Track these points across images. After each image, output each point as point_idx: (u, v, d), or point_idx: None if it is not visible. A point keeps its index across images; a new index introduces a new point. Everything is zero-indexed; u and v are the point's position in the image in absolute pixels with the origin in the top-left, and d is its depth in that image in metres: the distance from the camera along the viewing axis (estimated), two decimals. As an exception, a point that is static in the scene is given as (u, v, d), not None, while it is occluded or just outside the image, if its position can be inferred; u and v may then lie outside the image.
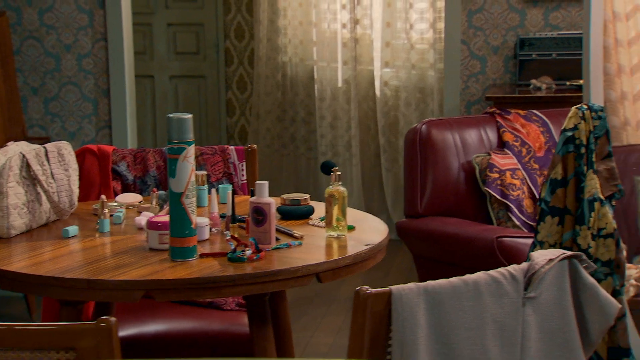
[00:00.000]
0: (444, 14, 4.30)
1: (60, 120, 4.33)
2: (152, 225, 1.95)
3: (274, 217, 1.98)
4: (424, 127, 3.08)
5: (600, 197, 2.12)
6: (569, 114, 2.19)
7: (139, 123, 5.57)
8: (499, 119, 3.18)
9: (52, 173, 2.14)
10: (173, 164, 1.87)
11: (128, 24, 4.33)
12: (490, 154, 3.06)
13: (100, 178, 2.53)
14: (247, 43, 5.75)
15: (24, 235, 2.09)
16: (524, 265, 1.61)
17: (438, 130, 3.09)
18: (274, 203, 1.99)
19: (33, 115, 4.37)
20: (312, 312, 3.80)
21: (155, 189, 2.27)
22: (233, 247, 1.92)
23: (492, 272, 1.59)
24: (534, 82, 3.94)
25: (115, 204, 2.26)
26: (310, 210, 2.22)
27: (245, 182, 2.65)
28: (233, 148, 2.68)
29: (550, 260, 1.61)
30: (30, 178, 2.10)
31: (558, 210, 2.14)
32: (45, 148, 2.15)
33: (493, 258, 2.68)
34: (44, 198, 2.12)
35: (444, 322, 1.53)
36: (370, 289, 1.51)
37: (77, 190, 2.22)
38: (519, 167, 3.06)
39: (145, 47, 5.90)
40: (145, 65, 5.90)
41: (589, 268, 1.65)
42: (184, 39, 5.90)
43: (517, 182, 3.02)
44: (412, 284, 1.54)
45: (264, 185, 2.00)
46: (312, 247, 2.00)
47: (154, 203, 2.21)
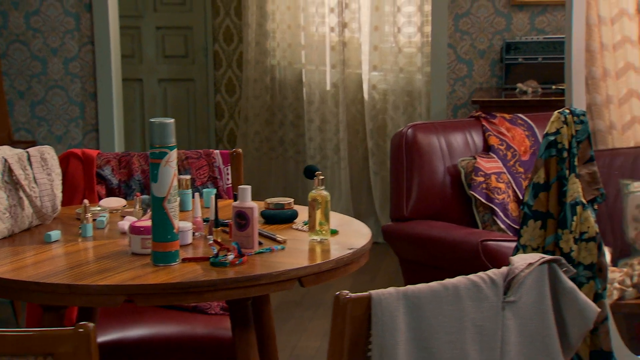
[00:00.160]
0: (431, 18, 4.31)
1: (47, 124, 4.32)
2: (134, 230, 1.95)
3: (257, 221, 1.98)
4: (410, 131, 3.09)
5: (583, 201, 2.13)
6: (552, 119, 2.20)
7: (128, 126, 5.57)
8: (485, 123, 3.20)
9: (34, 177, 2.14)
10: (155, 169, 1.87)
11: (115, 27, 4.32)
12: (476, 158, 3.07)
13: (85, 182, 2.53)
14: (235, 46, 5.75)
15: (6, 240, 2.08)
16: (504, 270, 1.62)
17: (424, 134, 3.10)
18: (257, 207, 1.99)
19: (19, 119, 4.36)
20: (298, 315, 3.80)
21: (139, 194, 2.27)
22: (215, 251, 1.92)
23: (471, 276, 1.59)
24: (520, 85, 3.96)
25: (99, 209, 2.25)
26: (294, 215, 2.22)
27: (231, 186, 2.65)
28: (218, 152, 2.68)
29: (530, 265, 1.62)
30: (13, 182, 2.10)
31: (541, 214, 2.15)
32: (28, 152, 2.15)
33: (478, 261, 2.69)
34: (27, 203, 2.12)
35: (424, 326, 1.54)
36: (350, 294, 1.51)
37: (60, 195, 2.21)
38: (504, 170, 3.07)
39: (134, 50, 5.90)
40: (134, 69, 5.89)
41: (569, 272, 1.65)
42: (173, 42, 5.90)
43: (502, 185, 3.03)
44: (391, 289, 1.55)
45: (247, 190, 2.00)
46: (295, 251, 2.00)
47: (138, 207, 2.20)
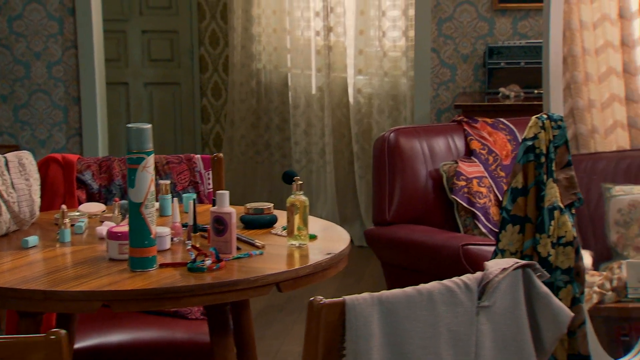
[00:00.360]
0: (414, 22, 4.32)
1: (30, 128, 4.31)
2: (112, 235, 1.95)
3: (235, 226, 1.98)
4: (392, 135, 3.10)
5: (560, 205, 2.14)
6: (529, 124, 2.21)
7: (113, 130, 5.56)
8: (467, 127, 3.21)
9: (12, 183, 2.13)
10: (132, 174, 1.87)
11: (98, 31, 4.31)
12: (458, 162, 3.08)
13: (65, 187, 2.52)
14: (221, 50, 5.75)
15: (-16, 246, 2.08)
16: (478, 275, 1.62)
17: (406, 139, 3.11)
18: (235, 213, 1.99)
19: (2, 123, 4.35)
20: (282, 319, 3.80)
21: (118, 199, 2.26)
22: (193, 257, 1.91)
23: (446, 281, 1.60)
24: (503, 90, 3.97)
25: (78, 214, 2.25)
26: (274, 219, 2.23)
27: (212, 190, 2.65)
28: (199, 157, 2.68)
29: (504, 270, 1.63)
30: (-9, 188, 2.09)
31: (519, 219, 2.16)
32: (6, 158, 2.14)
33: (459, 265, 2.70)
34: (4, 208, 2.11)
35: (398, 331, 1.54)
36: (324, 299, 1.52)
37: (38, 200, 2.21)
38: (486, 175, 3.08)
39: (120, 54, 5.89)
40: (120, 72, 5.88)
41: (543, 277, 1.66)
42: (159, 46, 5.90)
43: (483, 190, 3.04)
44: (366, 294, 1.55)
45: (225, 195, 2.00)
46: (273, 256, 2.00)
47: (116, 212, 2.20)
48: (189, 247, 2.00)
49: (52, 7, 4.24)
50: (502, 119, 3.29)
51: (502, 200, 2.22)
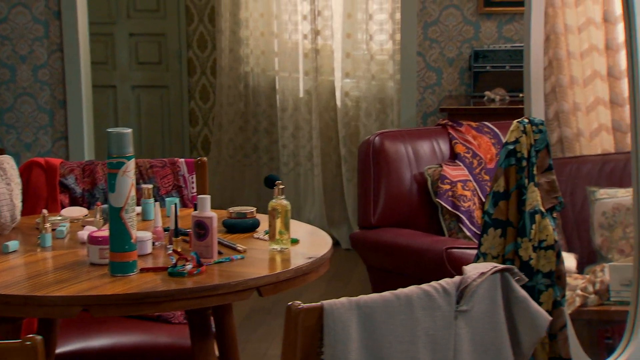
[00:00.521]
0: (400, 26, 4.34)
1: (16, 132, 4.30)
2: (92, 240, 1.95)
3: (216, 231, 1.98)
4: (377, 139, 3.11)
5: (541, 209, 2.15)
6: (511, 128, 2.22)
7: (101, 133, 5.54)
8: (451, 131, 3.22)
9: (-7, 187, 2.12)
10: (112, 179, 1.87)
11: (84, 35, 4.31)
12: (442, 166, 3.09)
13: (48, 191, 2.52)
14: (209, 53, 5.75)
15: (-35, 251, 2.07)
16: (457, 279, 1.63)
17: (391, 142, 3.11)
18: (216, 217, 1.99)
19: (-12, 127, 4.34)
20: (269, 322, 3.80)
21: (100, 203, 2.26)
22: (174, 261, 1.91)
23: (424, 285, 1.60)
24: (488, 93, 3.99)
25: (59, 218, 2.24)
26: (256, 224, 2.23)
27: (196, 194, 2.65)
28: (183, 161, 2.68)
29: (483, 274, 1.63)
30: (-29, 192, 2.08)
31: (500, 223, 2.17)
32: (-14, 162, 2.14)
33: (443, 269, 2.70)
34: (-15, 213, 2.10)
35: (376, 336, 1.55)
36: (302, 304, 1.52)
37: (19, 205, 2.20)
38: (470, 178, 3.09)
39: (107, 57, 5.88)
40: (108, 75, 5.87)
41: (521, 281, 1.67)
42: (146, 49, 5.89)
43: (468, 193, 3.05)
44: (344, 299, 1.55)
45: (206, 199, 2.00)
46: (254, 260, 2.00)
47: (98, 217, 2.20)
48: (170, 251, 2.00)
49: (37, 10, 4.24)
50: (486, 123, 3.30)
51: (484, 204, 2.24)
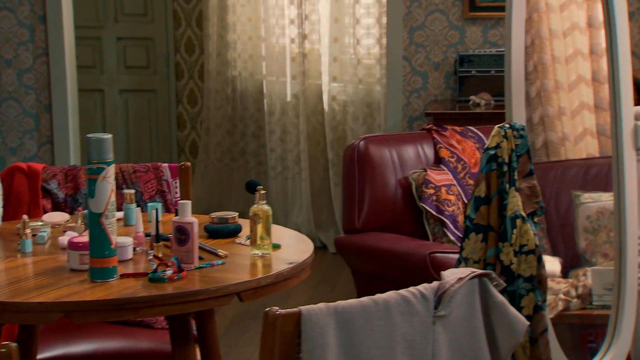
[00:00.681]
0: (386, 30, 4.35)
1: (1, 136, 4.28)
2: (72, 246, 1.94)
3: (197, 236, 1.98)
4: (362, 143, 3.11)
5: (522, 214, 2.16)
6: (492, 133, 2.23)
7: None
8: (436, 136, 3.22)
9: (-27, 193, 2.12)
10: (92, 185, 1.87)
11: (70, 39, 4.30)
12: (426, 170, 3.10)
13: (30, 197, 2.51)
14: (197, 57, 5.75)
15: (-56, 256, 2.06)
16: (435, 284, 1.63)
17: (376, 147, 3.12)
18: (197, 222, 1.99)
19: (-26, 131, 4.33)
20: (255, 327, 3.80)
21: (81, 208, 2.26)
22: (155, 267, 1.91)
23: (402, 291, 1.61)
24: (473, 98, 4.00)
25: (41, 223, 2.24)
26: (238, 229, 2.23)
27: (179, 199, 2.65)
28: (167, 165, 2.68)
29: (461, 279, 1.64)
30: (-49, 198, 2.08)
31: (482, 227, 2.17)
32: (-33, 168, 2.13)
33: (426, 273, 2.71)
34: (-35, 218, 2.10)
35: (354, 341, 1.55)
36: (280, 310, 1.52)
37: (0, 210, 2.20)
38: (455, 183, 3.10)
39: (95, 61, 5.87)
40: (95, 79, 5.86)
41: (499, 286, 1.67)
42: (134, 53, 5.88)
43: (452, 197, 3.06)
44: (322, 304, 1.55)
45: (187, 205, 2.00)
46: (235, 266, 2.00)
47: (79, 222, 2.19)
48: (151, 257, 2.00)
49: (22, 14, 4.22)
50: (470, 127, 3.31)
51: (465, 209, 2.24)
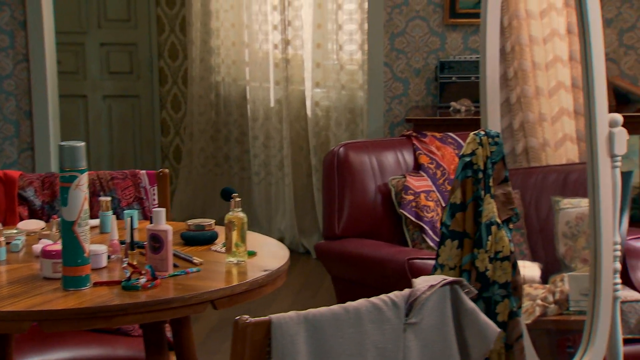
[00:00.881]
0: (367, 37, 4.36)
1: (-19, 143, 4.27)
2: (45, 254, 1.94)
3: (171, 244, 1.98)
4: (342, 149, 3.12)
5: (497, 221, 2.17)
6: (467, 140, 2.23)
7: (71, 143, 5.50)
8: (415, 142, 3.23)
9: (-54, 201, 2.11)
10: (65, 192, 1.86)
11: (51, 45, 4.29)
12: (406, 177, 3.11)
13: (6, 204, 2.50)
14: (181, 63, 5.74)
15: None
16: (406, 292, 1.64)
17: (355, 153, 3.12)
18: (171, 230, 1.99)
19: (-46, 137, 4.30)
20: (236, 334, 3.78)
21: (56, 216, 2.25)
22: (128, 274, 1.91)
23: (373, 298, 1.61)
24: (454, 104, 4.01)
25: (15, 231, 2.23)
26: (214, 236, 2.22)
27: (157, 206, 2.65)
28: (145, 172, 2.67)
29: (432, 286, 1.64)
30: None
31: (457, 234, 2.18)
32: (-60, 175, 2.12)
33: (404, 279, 2.71)
34: (-62, 226, 2.09)
35: (325, 349, 1.55)
36: (250, 318, 1.52)
37: (-26, 218, 2.19)
38: (434, 189, 3.11)
39: (78, 66, 5.85)
40: (78, 85, 5.84)
41: (470, 293, 1.68)
42: (118, 59, 5.87)
43: (431, 204, 3.07)
44: (292, 313, 1.55)
45: (161, 212, 2.00)
46: (210, 273, 2.00)
47: (54, 230, 2.18)
48: (126, 264, 1.99)
49: (2, 20, 4.21)
50: (450, 134, 3.32)
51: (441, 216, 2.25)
